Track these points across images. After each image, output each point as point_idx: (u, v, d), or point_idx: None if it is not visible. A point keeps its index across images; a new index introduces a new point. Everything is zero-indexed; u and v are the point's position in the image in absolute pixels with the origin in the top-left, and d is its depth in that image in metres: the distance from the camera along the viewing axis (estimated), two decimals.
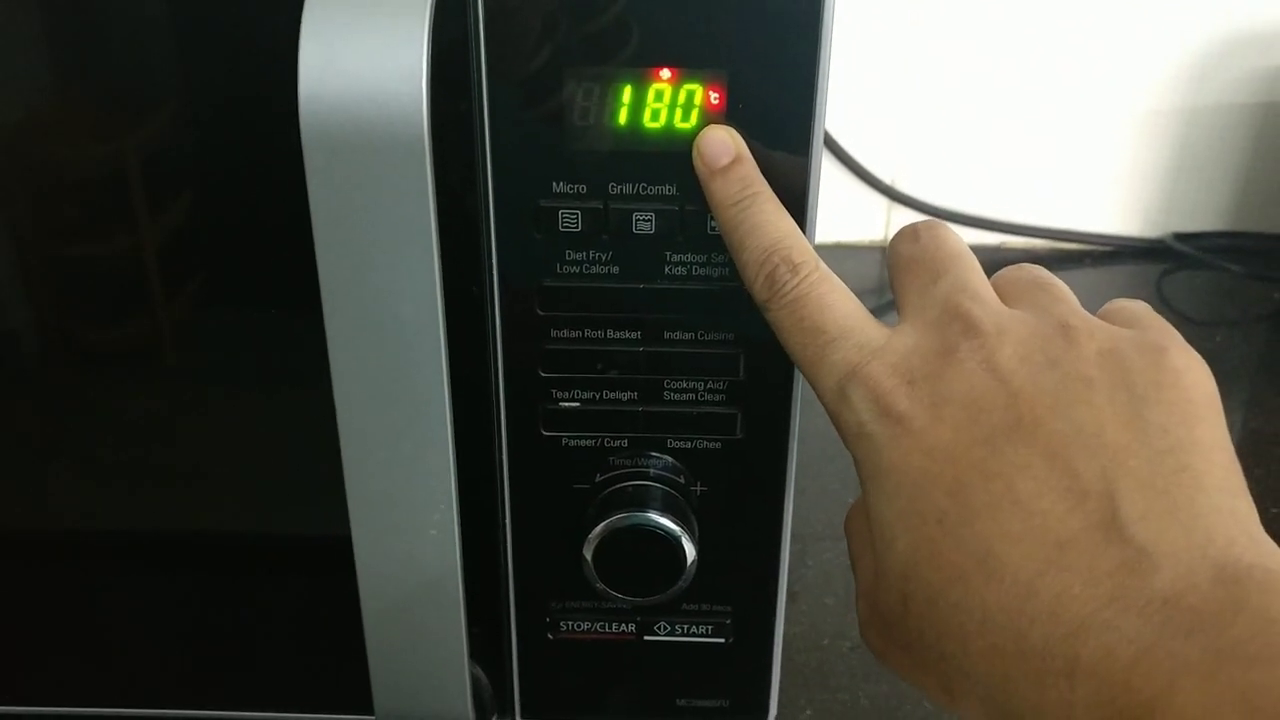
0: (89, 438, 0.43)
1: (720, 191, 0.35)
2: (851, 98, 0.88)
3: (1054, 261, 0.92)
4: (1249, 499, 0.29)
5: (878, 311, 0.34)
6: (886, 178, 0.91)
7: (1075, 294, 0.35)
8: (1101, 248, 0.92)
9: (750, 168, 0.35)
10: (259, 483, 0.44)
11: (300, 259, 0.36)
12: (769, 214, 0.34)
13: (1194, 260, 0.90)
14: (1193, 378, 0.31)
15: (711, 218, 0.35)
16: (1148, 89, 0.88)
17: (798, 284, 0.33)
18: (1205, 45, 0.86)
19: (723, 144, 0.34)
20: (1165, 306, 0.86)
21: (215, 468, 0.43)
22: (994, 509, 0.28)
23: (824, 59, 0.34)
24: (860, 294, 0.97)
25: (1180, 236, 0.91)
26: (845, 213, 0.92)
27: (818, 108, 0.35)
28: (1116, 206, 0.92)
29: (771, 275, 0.33)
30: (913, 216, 0.92)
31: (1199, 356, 0.32)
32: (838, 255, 0.93)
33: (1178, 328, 0.33)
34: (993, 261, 0.99)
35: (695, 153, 0.35)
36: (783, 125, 0.35)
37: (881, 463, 0.31)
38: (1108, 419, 0.29)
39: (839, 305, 0.33)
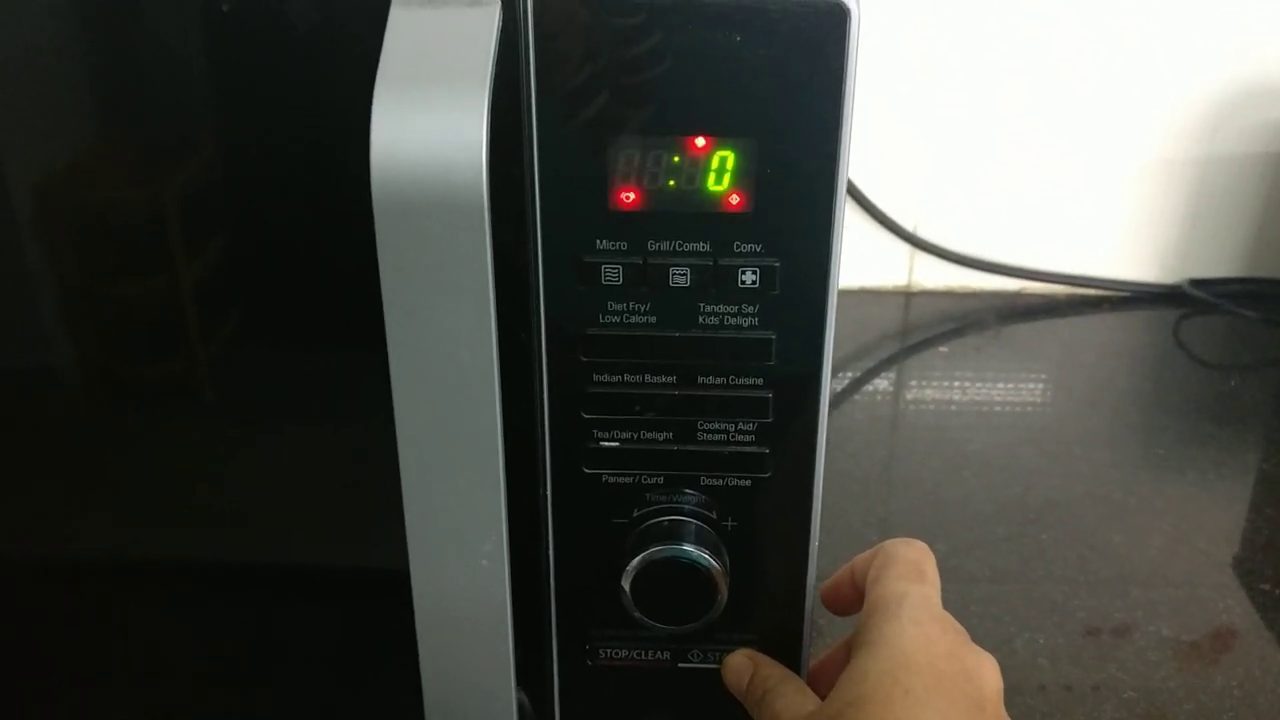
0: (140, 473, 0.46)
1: (748, 699, 0.44)
2: (875, 149, 0.91)
3: (1073, 306, 0.94)
4: None
5: (900, 355, 0.37)
6: (909, 225, 0.93)
7: (1095, 339, 0.37)
8: (1119, 293, 0.94)
9: (764, 670, 0.44)
10: (315, 516, 0.47)
11: (344, 301, 0.39)
12: (779, 703, 0.43)
13: (1209, 305, 0.92)
14: None
15: (742, 272, 0.39)
16: (1164, 140, 0.90)
17: None
18: (1219, 98, 0.89)
19: (738, 672, 0.45)
20: (1182, 351, 0.89)
21: (270, 503, 0.46)
22: (941, 715, 0.38)
23: (847, 122, 0.37)
24: (883, 338, 0.99)
25: (1196, 282, 0.93)
26: (869, 259, 0.95)
27: (841, 167, 0.38)
28: (1134, 253, 0.94)
29: None
30: (935, 263, 0.94)
31: None
32: (862, 300, 0.96)
33: (1195, 372, 0.37)
34: (1013, 307, 1.01)
35: (724, 678, 0.45)
36: (808, 185, 0.38)
37: (895, 639, 0.39)
38: None
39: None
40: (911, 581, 0.42)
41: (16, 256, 0.42)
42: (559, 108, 0.37)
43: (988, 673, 0.40)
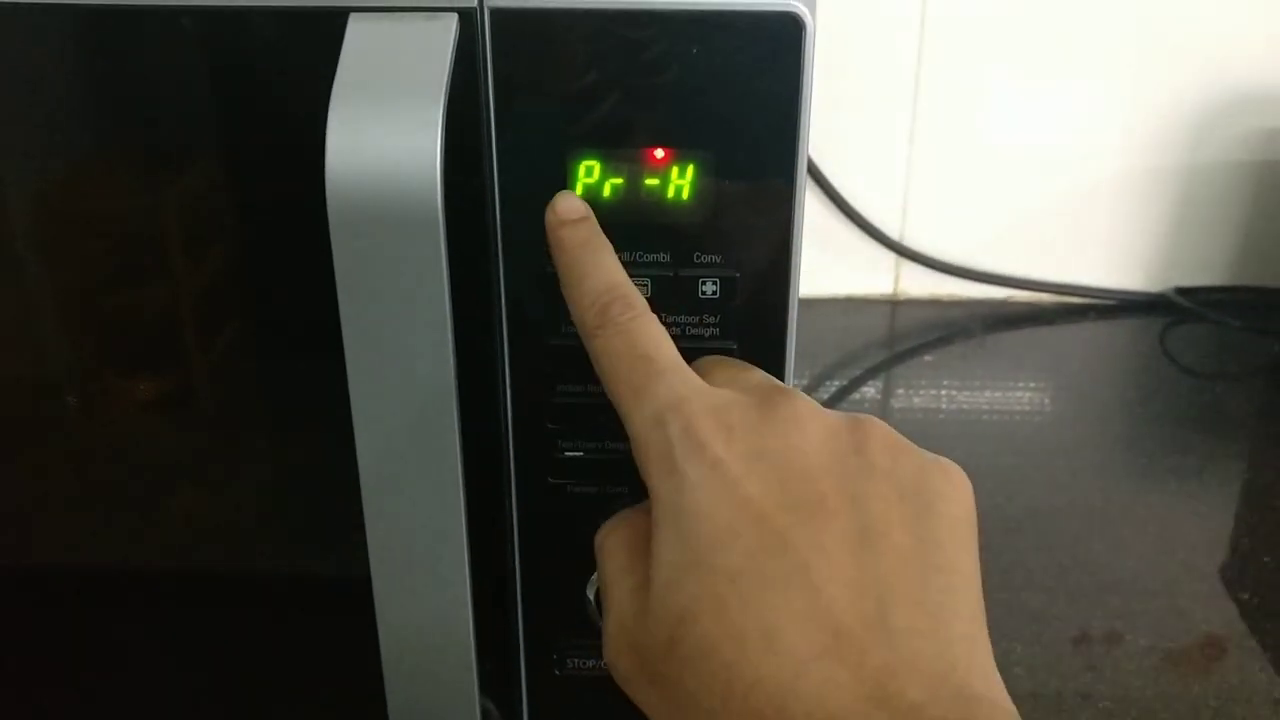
0: (121, 481, 0.46)
1: (569, 237, 0.36)
2: (860, 157, 0.91)
3: (1059, 315, 0.94)
4: (986, 630, 0.31)
5: (887, 364, 0.36)
6: (895, 234, 0.94)
7: (1081, 348, 0.35)
8: (1105, 301, 0.94)
9: (597, 229, 0.37)
10: (282, 526, 0.47)
11: (327, 312, 0.39)
12: (612, 263, 0.36)
13: (1195, 314, 0.92)
14: (966, 500, 0.32)
15: (702, 282, 0.39)
16: (1149, 148, 0.90)
17: (633, 317, 0.35)
18: (1203, 107, 0.89)
19: (577, 203, 0.37)
20: (1168, 359, 0.89)
21: (240, 512, 0.46)
22: (786, 582, 0.29)
23: (803, 133, 0.37)
24: (870, 347, 0.99)
25: (1182, 291, 0.93)
26: (855, 268, 0.95)
27: (799, 178, 0.38)
28: (1120, 262, 0.94)
29: (607, 307, 0.35)
30: (921, 271, 0.94)
31: (969, 482, 0.33)
32: (847, 309, 0.96)
33: (1180, 380, 0.35)
34: (999, 315, 1.01)
35: (549, 209, 0.37)
36: (767, 196, 0.38)
37: (684, 503, 0.31)
38: (896, 520, 0.31)
39: (670, 346, 0.34)
40: (636, 389, 0.33)
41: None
42: (518, 120, 0.37)
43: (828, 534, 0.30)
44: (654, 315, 0.35)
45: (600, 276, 0.36)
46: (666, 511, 0.31)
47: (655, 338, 0.34)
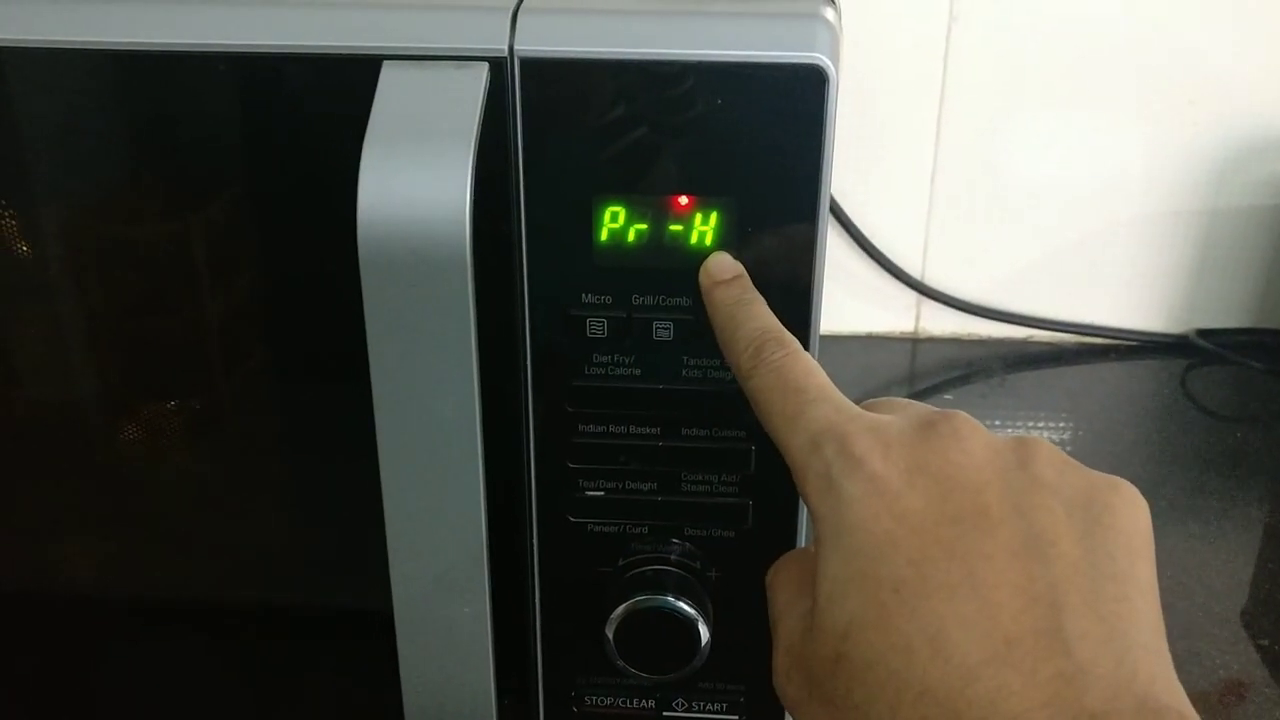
0: (144, 505, 0.47)
1: (723, 296, 0.38)
2: (882, 196, 0.91)
3: (1080, 355, 0.94)
4: (1166, 641, 0.30)
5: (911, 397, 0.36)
6: (916, 273, 0.94)
7: (1101, 388, 0.35)
8: (1126, 342, 0.94)
9: (749, 284, 0.38)
10: (304, 555, 0.47)
11: (354, 345, 0.39)
12: (763, 310, 0.37)
13: (1216, 356, 0.92)
14: (1140, 514, 0.32)
15: None
16: (1171, 191, 0.91)
17: (785, 355, 0.35)
18: (1226, 151, 0.89)
19: (729, 263, 0.39)
20: (1189, 401, 0.88)
21: (263, 539, 0.47)
22: (952, 589, 0.29)
23: (825, 182, 0.38)
24: (891, 384, 0.98)
25: (1203, 333, 0.93)
26: (875, 306, 0.95)
27: (820, 226, 0.38)
28: (1141, 303, 0.94)
29: (760, 349, 0.35)
30: (942, 310, 0.95)
31: (1143, 498, 0.33)
32: (869, 347, 0.96)
33: (1201, 423, 0.34)
34: (1020, 355, 1.00)
35: (703, 271, 0.38)
36: (788, 243, 0.39)
37: (846, 519, 0.31)
38: (1064, 531, 0.30)
39: (821, 376, 0.35)
40: (791, 418, 0.33)
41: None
42: (546, 166, 0.38)
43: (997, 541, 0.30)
44: (806, 353, 0.36)
45: (753, 324, 0.37)
46: (827, 530, 0.31)
47: (807, 371, 0.35)
